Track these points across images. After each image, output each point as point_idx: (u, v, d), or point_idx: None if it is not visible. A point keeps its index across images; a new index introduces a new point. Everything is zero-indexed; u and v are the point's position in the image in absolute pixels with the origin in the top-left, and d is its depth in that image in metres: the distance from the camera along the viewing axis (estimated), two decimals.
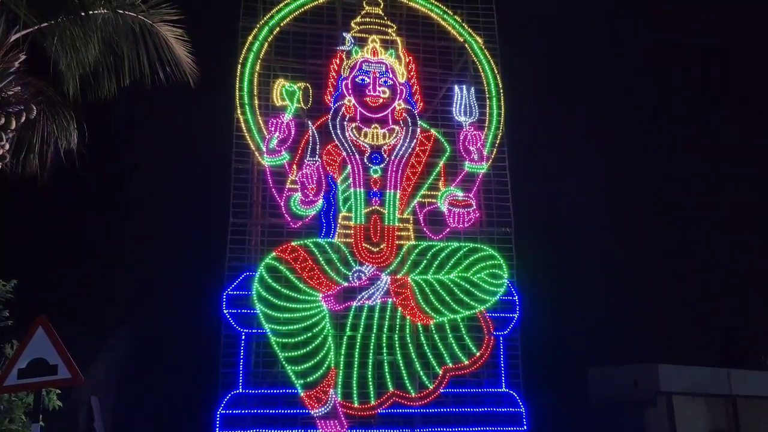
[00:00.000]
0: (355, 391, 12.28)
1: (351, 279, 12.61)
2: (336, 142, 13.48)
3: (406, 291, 12.70)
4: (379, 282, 12.76)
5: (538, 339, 15.59)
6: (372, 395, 12.33)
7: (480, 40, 15.11)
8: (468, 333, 12.92)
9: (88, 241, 20.38)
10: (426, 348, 12.73)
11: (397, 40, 14.51)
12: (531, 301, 13.92)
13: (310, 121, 13.50)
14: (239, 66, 13.74)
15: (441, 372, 12.63)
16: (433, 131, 14.25)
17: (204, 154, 18.86)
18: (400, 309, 12.73)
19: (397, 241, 13.14)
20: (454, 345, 12.80)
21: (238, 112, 13.48)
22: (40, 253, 18.81)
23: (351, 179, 13.29)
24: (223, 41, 14.58)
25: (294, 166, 13.28)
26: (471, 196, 13.81)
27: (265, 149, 13.20)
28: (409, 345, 12.71)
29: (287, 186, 13.23)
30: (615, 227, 25.14)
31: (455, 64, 15.29)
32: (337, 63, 14.08)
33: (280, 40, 14.27)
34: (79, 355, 6.61)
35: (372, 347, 12.58)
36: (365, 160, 13.40)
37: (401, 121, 13.71)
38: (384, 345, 12.65)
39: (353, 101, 13.69)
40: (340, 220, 13.17)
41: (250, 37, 13.94)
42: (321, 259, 12.56)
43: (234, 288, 12.39)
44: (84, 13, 7.35)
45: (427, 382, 12.58)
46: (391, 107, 13.75)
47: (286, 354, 12.11)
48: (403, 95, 13.92)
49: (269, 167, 13.27)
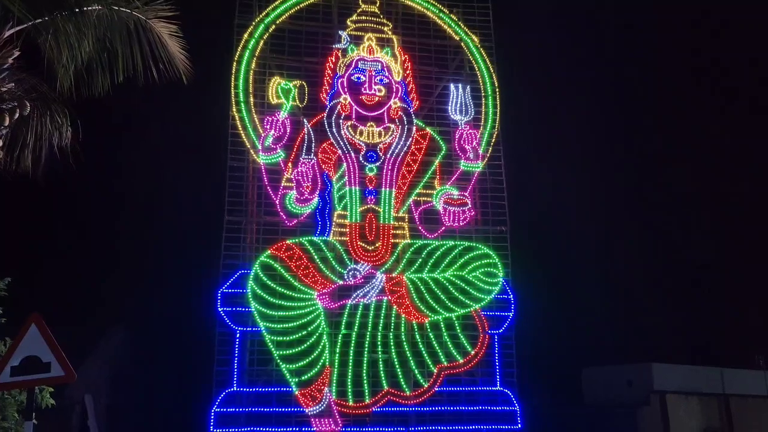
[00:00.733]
0: (349, 390, 12.28)
1: (346, 277, 12.59)
2: (331, 140, 13.47)
3: (401, 289, 12.69)
4: (374, 280, 12.75)
5: (533, 338, 15.63)
6: (367, 393, 12.32)
7: (476, 39, 15.12)
8: (463, 331, 12.92)
9: (82, 238, 20.32)
10: (421, 346, 12.72)
11: (393, 38, 14.50)
12: (526, 299, 13.95)
13: (305, 119, 13.48)
14: (235, 63, 13.72)
15: (436, 370, 12.64)
16: (428, 130, 14.24)
17: (199, 151, 18.84)
18: (395, 307, 12.73)
19: (392, 240, 13.14)
20: (449, 343, 12.80)
21: (234, 109, 13.45)
22: (34, 250, 18.74)
23: (346, 177, 13.28)
24: (219, 39, 14.56)
25: (289, 164, 13.26)
26: (466, 194, 13.83)
27: (260, 147, 13.17)
28: (404, 343, 12.71)
29: (282, 184, 13.21)
30: (609, 227, 25.24)
31: (451, 63, 15.29)
32: (333, 61, 14.07)
33: (275, 38, 14.24)
34: (73, 353, 6.58)
35: (367, 345, 12.58)
36: (361, 159, 13.39)
37: (397, 120, 13.70)
38: (379, 343, 12.65)
39: (349, 99, 13.67)
40: (335, 219, 13.15)
41: (246, 35, 13.91)
42: (316, 257, 12.55)
43: (229, 286, 12.37)
44: (79, 10, 7.31)
45: (421, 381, 12.58)
46: (387, 105, 13.74)
47: (281, 352, 12.10)
48: (399, 93, 13.91)
49: (264, 165, 13.24)
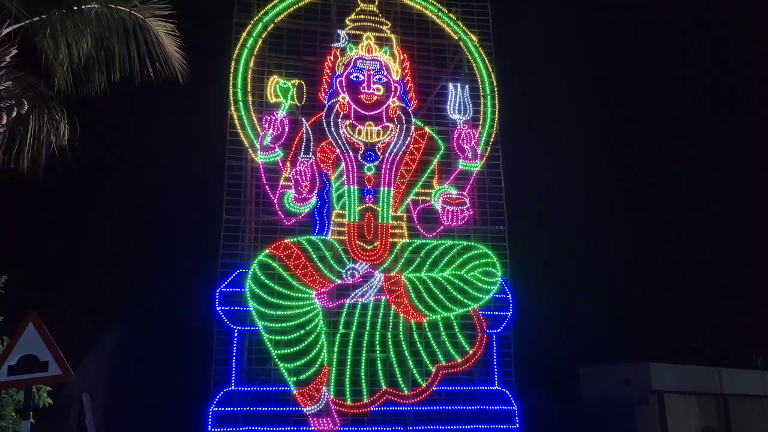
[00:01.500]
0: (347, 389, 12.27)
1: (344, 276, 12.58)
2: (330, 139, 13.44)
3: (399, 289, 12.68)
4: (372, 279, 12.74)
5: (531, 337, 15.64)
6: (365, 393, 12.31)
7: (474, 38, 15.11)
8: (461, 331, 12.92)
9: (79, 237, 20.30)
10: (419, 346, 12.71)
11: (392, 37, 14.49)
12: (524, 299, 13.95)
13: (304, 118, 13.47)
14: (233, 62, 13.70)
15: (434, 370, 12.62)
16: (427, 129, 14.22)
17: (197, 150, 18.82)
18: (394, 307, 12.72)
19: (390, 239, 13.13)
20: (447, 343, 12.79)
21: (232, 108, 13.43)
22: (31, 249, 18.72)
23: (345, 176, 13.26)
24: (217, 38, 14.54)
25: (288, 163, 13.25)
26: (465, 194, 13.82)
27: (258, 146, 13.15)
28: (402, 343, 12.70)
29: (281, 183, 13.20)
30: (608, 226, 25.27)
31: (450, 62, 15.29)
32: (332, 60, 14.04)
33: (274, 37, 14.22)
34: (71, 352, 6.57)
35: (365, 345, 12.56)
36: (359, 158, 13.37)
37: (395, 119, 13.69)
38: (377, 343, 12.64)
39: (347, 98, 13.65)
40: (333, 218, 13.14)
41: (244, 34, 13.88)
42: (314, 256, 12.53)
43: (227, 285, 12.35)
44: (76, 8, 7.30)
45: (420, 380, 12.57)
46: (386, 105, 13.73)
47: (279, 351, 12.09)
48: (398, 93, 13.89)
49: (263, 164, 13.22)
